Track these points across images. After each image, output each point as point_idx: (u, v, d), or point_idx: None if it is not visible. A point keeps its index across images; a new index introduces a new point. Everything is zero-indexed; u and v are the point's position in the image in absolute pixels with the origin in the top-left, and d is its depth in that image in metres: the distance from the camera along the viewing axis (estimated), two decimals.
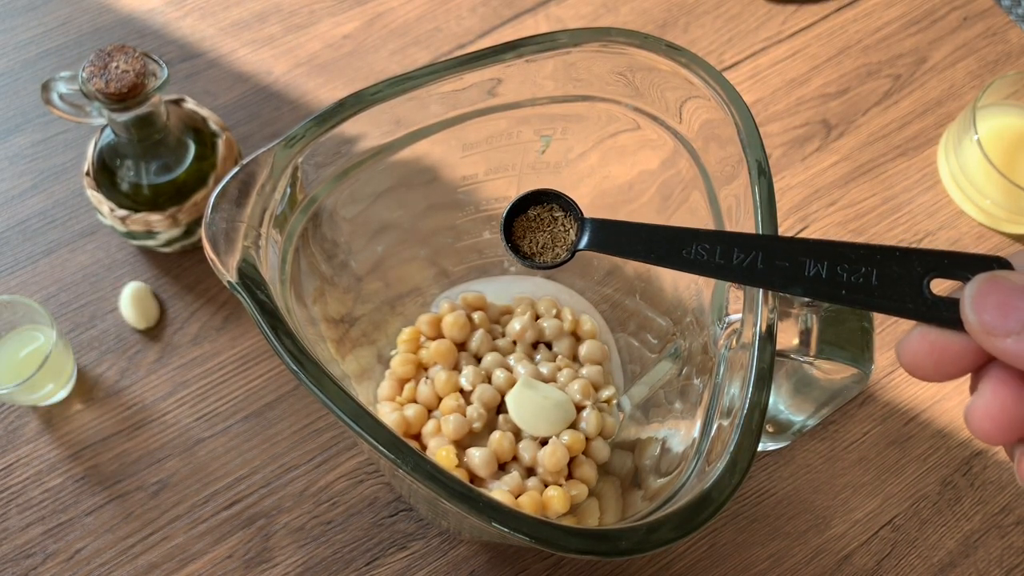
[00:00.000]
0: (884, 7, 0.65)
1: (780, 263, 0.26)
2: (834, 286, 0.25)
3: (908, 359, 0.24)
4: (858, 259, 0.25)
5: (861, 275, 0.25)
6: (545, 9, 0.64)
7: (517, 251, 0.31)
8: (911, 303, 0.24)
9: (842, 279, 0.25)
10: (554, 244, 0.31)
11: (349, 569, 0.47)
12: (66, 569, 0.46)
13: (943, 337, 0.24)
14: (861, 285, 0.25)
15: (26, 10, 0.62)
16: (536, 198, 0.31)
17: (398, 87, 0.36)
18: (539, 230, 0.31)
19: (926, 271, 0.24)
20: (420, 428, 0.44)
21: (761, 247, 0.26)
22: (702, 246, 0.27)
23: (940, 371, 0.24)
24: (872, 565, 0.48)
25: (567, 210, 0.31)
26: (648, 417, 0.44)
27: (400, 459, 0.28)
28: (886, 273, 0.24)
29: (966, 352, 0.23)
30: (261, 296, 0.31)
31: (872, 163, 0.59)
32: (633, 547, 0.28)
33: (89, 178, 0.51)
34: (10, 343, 0.49)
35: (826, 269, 0.25)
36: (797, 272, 0.26)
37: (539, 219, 0.31)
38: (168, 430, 0.50)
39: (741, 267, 0.26)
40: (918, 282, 0.24)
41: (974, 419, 0.23)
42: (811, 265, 0.25)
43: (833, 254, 0.25)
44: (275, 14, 0.63)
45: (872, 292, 0.25)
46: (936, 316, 0.24)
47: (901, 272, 0.24)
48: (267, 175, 0.34)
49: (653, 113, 0.39)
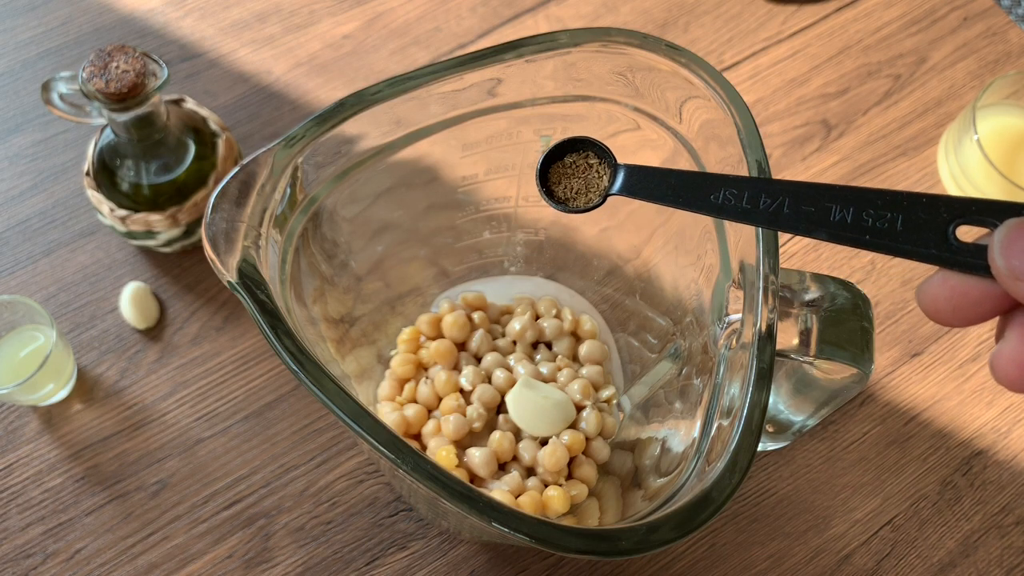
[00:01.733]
0: (884, 7, 0.65)
1: (806, 208, 0.26)
2: (859, 231, 0.25)
3: (928, 303, 0.25)
4: (884, 205, 0.25)
5: (887, 220, 0.25)
6: (545, 9, 0.64)
7: (552, 196, 0.32)
8: (935, 248, 0.24)
9: (867, 224, 0.25)
10: (587, 190, 0.31)
11: (349, 569, 0.47)
12: (66, 569, 0.46)
13: (964, 283, 0.24)
14: (886, 230, 0.25)
15: (26, 10, 0.62)
16: (572, 145, 0.32)
17: (398, 87, 0.36)
18: (574, 176, 0.31)
19: (952, 217, 0.24)
20: (420, 428, 0.45)
21: (789, 192, 0.26)
22: (730, 191, 0.27)
23: (959, 316, 0.24)
24: (872, 565, 0.48)
25: (602, 157, 0.31)
26: (648, 417, 0.44)
27: (400, 459, 0.28)
28: (912, 218, 0.25)
29: (987, 298, 0.24)
30: (261, 296, 0.31)
31: (872, 163, 0.59)
32: (633, 547, 0.28)
33: (89, 178, 0.51)
34: (10, 343, 0.49)
35: (852, 214, 0.25)
36: (823, 217, 0.26)
37: (574, 166, 0.31)
38: (168, 430, 0.50)
39: (767, 212, 0.27)
40: (943, 228, 0.24)
41: (1000, 366, 0.23)
42: (837, 210, 0.26)
43: (859, 199, 0.25)
44: (275, 14, 0.63)
45: (897, 237, 0.25)
46: (960, 262, 0.24)
47: (927, 218, 0.24)
48: (267, 175, 0.34)
49: (653, 113, 0.39)
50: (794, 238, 0.57)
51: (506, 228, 0.48)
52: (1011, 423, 0.52)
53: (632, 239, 0.46)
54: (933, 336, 0.54)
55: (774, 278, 0.32)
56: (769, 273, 0.32)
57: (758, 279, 0.32)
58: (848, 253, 0.56)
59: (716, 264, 0.37)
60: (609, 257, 0.48)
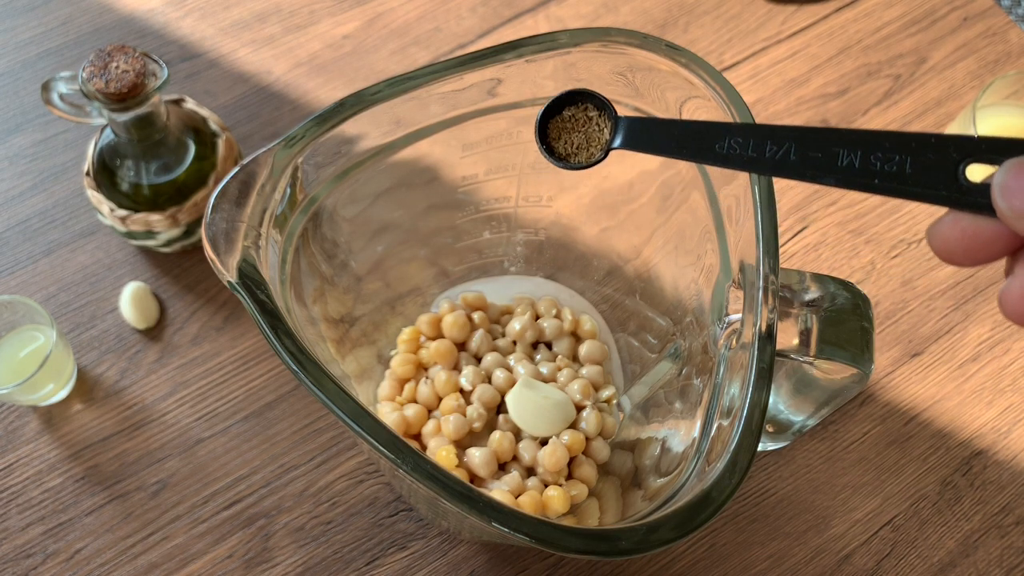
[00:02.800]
0: (884, 7, 0.65)
1: (813, 154, 0.26)
2: (867, 175, 0.25)
3: (939, 244, 0.25)
4: (892, 147, 0.25)
5: (895, 163, 0.25)
6: (545, 9, 0.64)
7: (552, 153, 0.31)
8: (945, 190, 0.24)
9: (875, 168, 0.25)
10: (588, 145, 0.31)
11: (349, 569, 0.47)
12: (66, 569, 0.46)
13: (975, 223, 0.24)
14: (895, 173, 0.25)
15: (26, 10, 0.62)
16: (571, 99, 0.31)
17: (398, 87, 0.36)
18: (574, 131, 0.31)
19: (962, 157, 0.24)
20: (420, 428, 0.45)
21: (794, 139, 0.26)
22: (735, 140, 0.27)
23: (971, 257, 0.24)
24: (872, 565, 0.48)
25: (601, 109, 0.31)
26: (648, 417, 0.44)
27: (400, 459, 0.28)
28: (921, 160, 0.24)
29: (998, 237, 0.23)
30: (261, 296, 0.31)
31: None
32: (633, 547, 0.28)
33: (89, 178, 0.51)
34: (10, 343, 0.49)
35: (859, 159, 0.25)
36: (830, 163, 0.25)
37: (574, 120, 0.31)
38: (168, 430, 0.50)
39: (774, 160, 0.26)
40: (953, 169, 0.24)
41: (1009, 302, 0.23)
42: (844, 155, 0.25)
43: (867, 143, 0.25)
44: (275, 14, 0.63)
45: (906, 180, 0.24)
46: (970, 202, 0.24)
47: (936, 159, 0.24)
48: (267, 175, 0.34)
49: (653, 113, 0.39)
50: (793, 237, 0.57)
51: (506, 228, 0.48)
52: (1011, 423, 0.52)
53: (632, 239, 0.46)
54: (933, 336, 0.54)
55: (774, 278, 0.32)
56: (769, 273, 0.32)
57: (758, 279, 0.32)
58: (848, 253, 0.56)
59: (716, 264, 0.37)
60: (609, 257, 0.48)
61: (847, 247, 0.56)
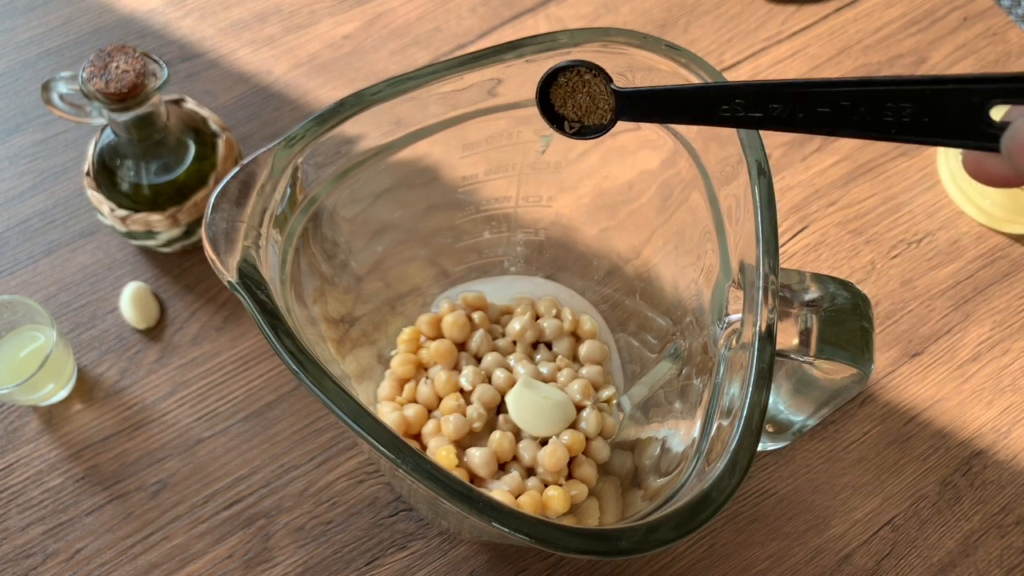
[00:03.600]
0: (884, 7, 0.65)
1: (822, 110, 0.25)
2: (883, 126, 0.24)
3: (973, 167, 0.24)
4: (904, 96, 0.24)
5: (910, 114, 0.24)
6: (545, 9, 0.64)
7: (560, 126, 0.31)
8: (972, 137, 0.23)
9: (891, 118, 0.24)
10: (596, 106, 0.31)
11: (349, 569, 0.47)
12: (66, 569, 0.46)
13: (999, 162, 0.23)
14: (911, 124, 0.24)
15: (26, 10, 0.62)
16: (562, 71, 0.31)
17: (398, 87, 0.36)
18: (576, 92, 0.31)
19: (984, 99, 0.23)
20: (420, 428, 0.45)
21: (797, 95, 0.25)
22: (738, 102, 0.27)
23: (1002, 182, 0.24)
24: (872, 565, 0.48)
25: (595, 72, 0.31)
26: (648, 417, 0.44)
27: (400, 459, 0.28)
28: (941, 106, 0.23)
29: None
30: (261, 296, 0.31)
31: (872, 163, 0.59)
32: (633, 547, 0.28)
33: (89, 178, 0.51)
34: (10, 343, 0.49)
35: (871, 111, 0.24)
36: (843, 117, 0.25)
37: (570, 85, 0.31)
38: (168, 430, 0.50)
39: (781, 117, 0.26)
40: (977, 111, 0.23)
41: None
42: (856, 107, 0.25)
43: (880, 94, 0.24)
44: (275, 14, 0.63)
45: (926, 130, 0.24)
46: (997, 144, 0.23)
47: (958, 102, 0.23)
48: (267, 175, 0.34)
49: None
50: (793, 237, 0.57)
51: (506, 228, 0.48)
52: (1011, 423, 0.52)
53: (632, 239, 0.46)
54: (933, 336, 0.54)
55: (774, 278, 0.32)
56: (769, 273, 0.32)
57: (758, 279, 0.32)
58: (848, 253, 0.56)
59: (716, 264, 0.37)
60: (609, 257, 0.48)
61: (847, 247, 0.56)
